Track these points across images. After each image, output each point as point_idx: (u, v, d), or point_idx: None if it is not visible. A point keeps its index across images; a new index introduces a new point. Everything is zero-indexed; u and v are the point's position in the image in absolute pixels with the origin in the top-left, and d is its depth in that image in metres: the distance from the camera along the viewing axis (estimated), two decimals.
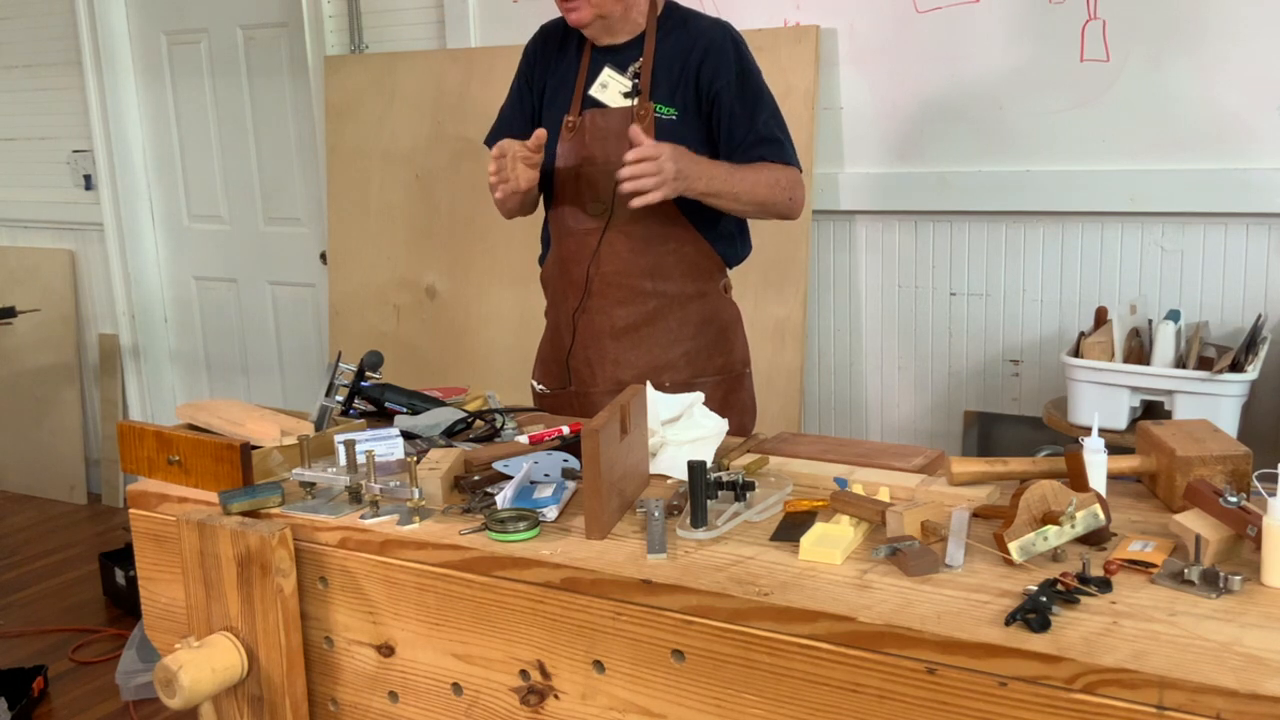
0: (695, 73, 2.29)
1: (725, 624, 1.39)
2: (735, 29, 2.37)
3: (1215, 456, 1.56)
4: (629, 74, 2.33)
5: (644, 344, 2.37)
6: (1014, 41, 2.96)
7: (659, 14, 2.35)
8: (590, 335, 2.39)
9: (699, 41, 2.31)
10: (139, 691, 3.17)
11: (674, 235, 2.33)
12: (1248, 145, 2.76)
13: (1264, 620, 1.25)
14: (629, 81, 2.32)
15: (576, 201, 2.36)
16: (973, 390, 3.19)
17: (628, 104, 2.31)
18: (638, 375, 2.33)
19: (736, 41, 2.33)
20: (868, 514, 1.53)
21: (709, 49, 2.30)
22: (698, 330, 2.39)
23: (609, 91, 2.33)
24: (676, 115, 2.29)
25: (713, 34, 2.32)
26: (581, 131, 2.33)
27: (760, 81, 2.34)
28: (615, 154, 2.23)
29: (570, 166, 2.35)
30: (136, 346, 4.83)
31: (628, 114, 2.30)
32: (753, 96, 2.31)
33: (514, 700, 1.57)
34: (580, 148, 2.33)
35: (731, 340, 2.48)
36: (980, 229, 3.10)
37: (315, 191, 4.25)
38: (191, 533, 1.70)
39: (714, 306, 2.43)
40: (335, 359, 2.09)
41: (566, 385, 2.45)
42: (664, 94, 2.31)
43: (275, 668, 1.68)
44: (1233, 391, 2.47)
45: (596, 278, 2.35)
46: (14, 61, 4.82)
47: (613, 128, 2.31)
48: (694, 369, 2.39)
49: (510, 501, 1.66)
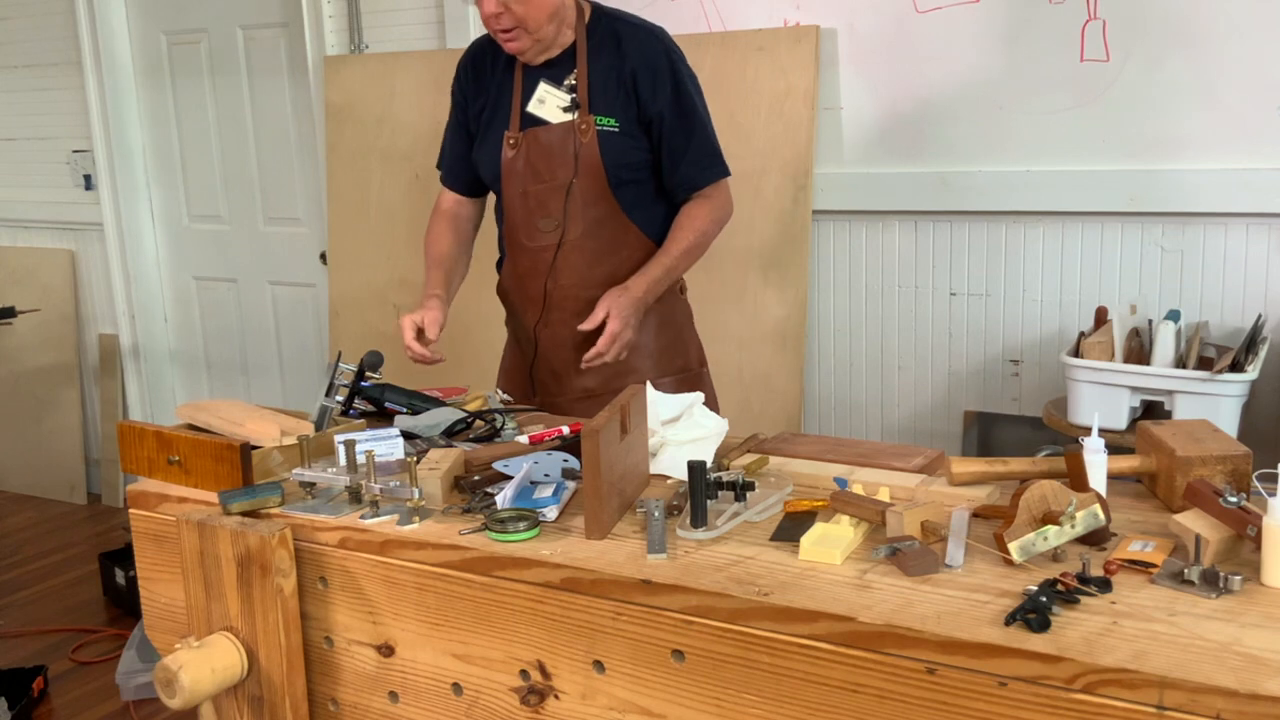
0: (632, 86, 2.29)
1: (725, 624, 1.39)
2: (667, 35, 2.37)
3: (1215, 456, 1.56)
4: (565, 87, 2.32)
5: None
6: (1014, 41, 2.96)
7: (587, 22, 2.34)
8: (553, 347, 2.41)
9: (633, 54, 2.30)
10: (139, 691, 3.17)
11: (628, 243, 2.35)
12: (1248, 145, 2.76)
13: (1264, 620, 1.25)
14: (567, 95, 2.31)
15: (528, 219, 2.36)
16: (973, 390, 3.19)
17: (568, 118, 2.31)
18: (603, 381, 2.35)
19: (670, 53, 2.33)
20: (868, 514, 1.53)
21: (644, 64, 2.30)
22: (658, 332, 2.42)
23: (547, 107, 2.33)
24: (618, 126, 2.30)
25: (646, 47, 2.31)
26: (524, 149, 2.33)
27: (692, 93, 2.35)
28: (560, 170, 2.30)
29: (517, 185, 2.35)
30: (136, 346, 4.83)
31: (569, 128, 2.30)
32: (688, 116, 2.33)
33: (514, 700, 1.57)
34: (525, 167, 2.33)
35: (687, 340, 2.52)
36: (980, 229, 3.10)
37: (315, 191, 4.25)
38: (191, 533, 1.70)
39: (670, 307, 2.46)
40: (335, 359, 2.09)
41: (531, 396, 2.47)
42: (602, 105, 2.30)
43: (275, 668, 1.68)
44: (1233, 391, 2.47)
45: (555, 291, 2.37)
46: (14, 61, 4.82)
47: (555, 144, 2.31)
48: (657, 370, 2.42)
49: (510, 501, 1.66)
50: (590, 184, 2.31)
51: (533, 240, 2.36)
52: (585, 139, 2.29)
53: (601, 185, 2.31)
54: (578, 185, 2.31)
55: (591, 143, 2.29)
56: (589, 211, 2.31)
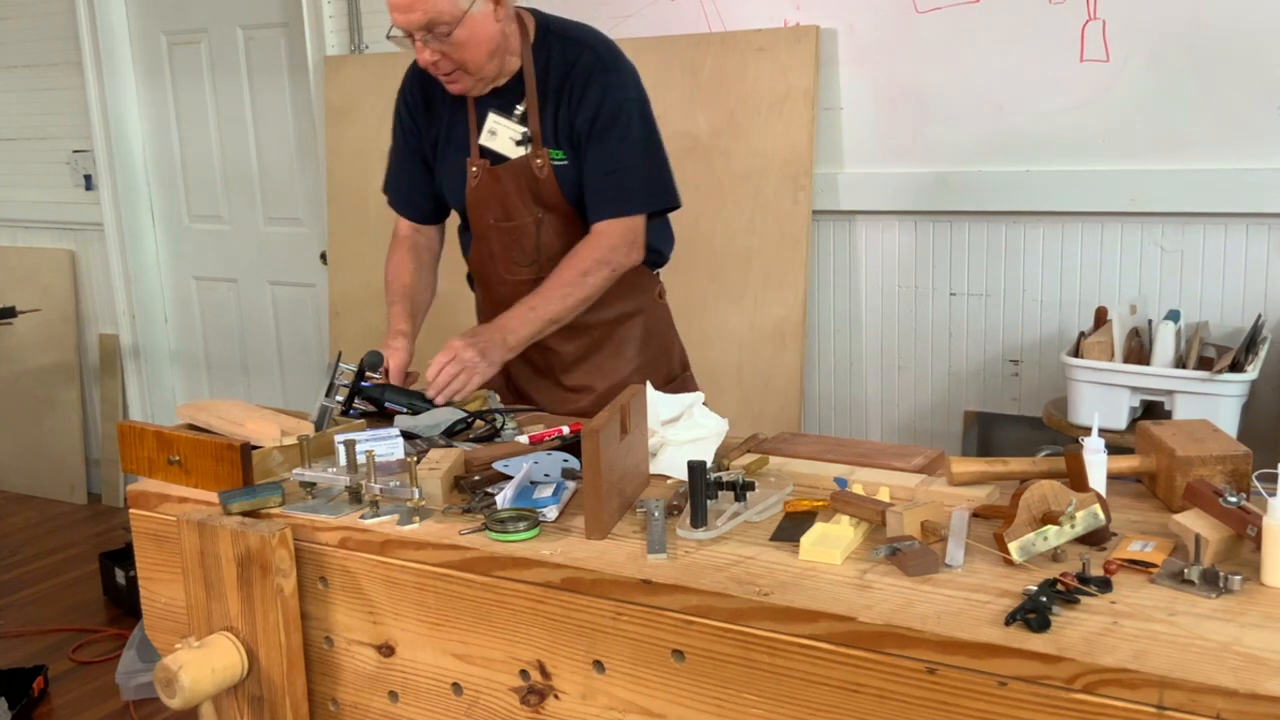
0: (569, 110, 2.20)
1: (725, 624, 1.39)
2: (604, 48, 2.23)
3: (1215, 456, 1.56)
4: (515, 117, 2.23)
5: (596, 369, 2.37)
6: (1014, 41, 2.96)
7: (533, 42, 2.23)
8: (543, 370, 2.39)
9: (568, 76, 2.19)
10: (139, 691, 3.17)
11: None
12: (1248, 145, 2.76)
13: (1264, 620, 1.25)
14: (518, 128, 2.23)
15: (504, 254, 2.32)
16: (973, 390, 3.19)
17: (522, 151, 2.23)
18: (597, 399, 2.32)
19: (603, 68, 2.20)
20: (868, 514, 1.53)
21: (574, 83, 2.19)
22: (643, 345, 2.40)
23: (499, 139, 2.24)
24: (566, 160, 2.23)
25: (579, 65, 2.19)
26: (483, 189, 2.27)
27: (615, 115, 2.19)
28: (525, 209, 2.25)
29: (486, 217, 2.30)
30: (136, 346, 4.83)
31: (526, 165, 2.23)
32: (602, 138, 2.18)
33: (514, 700, 1.57)
34: (490, 206, 2.28)
35: (671, 348, 2.49)
36: (980, 229, 3.10)
37: (315, 191, 4.25)
38: (191, 533, 1.70)
39: (653, 318, 2.43)
40: (335, 359, 2.09)
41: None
42: (552, 136, 2.22)
43: (275, 668, 1.68)
44: (1233, 391, 2.47)
45: None
46: (14, 61, 4.82)
47: (515, 183, 2.24)
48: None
49: (510, 501, 1.66)
50: (558, 218, 2.27)
51: (511, 274, 2.32)
52: (543, 175, 2.22)
53: (569, 216, 2.26)
54: (546, 220, 2.27)
55: (549, 179, 2.23)
56: (561, 242, 2.26)
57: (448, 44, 2.10)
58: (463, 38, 2.10)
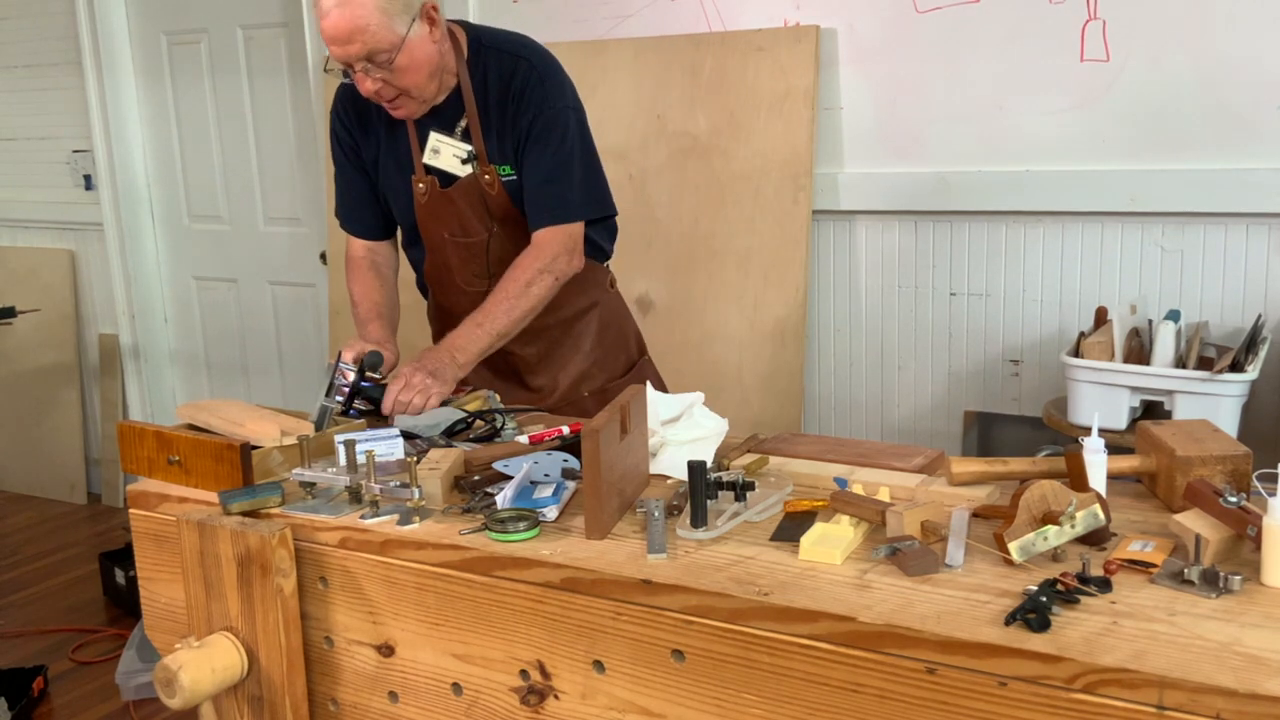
0: (511, 124, 2.20)
1: (725, 624, 1.39)
2: (539, 57, 2.23)
3: (1215, 456, 1.56)
4: (458, 134, 2.23)
5: (555, 366, 2.39)
6: (1014, 41, 2.96)
7: (467, 56, 2.23)
8: (505, 374, 2.40)
9: (507, 89, 2.20)
10: (139, 691, 3.17)
11: None
12: (1248, 145, 2.76)
13: (1264, 620, 1.25)
14: (462, 146, 2.22)
15: (461, 266, 2.32)
16: (973, 390, 3.19)
17: (468, 170, 2.23)
18: (561, 395, 2.36)
19: (540, 79, 2.20)
20: (868, 514, 1.53)
21: (511, 95, 2.19)
22: (599, 337, 2.42)
23: (442, 157, 2.24)
24: (515, 175, 2.23)
25: (516, 77, 2.19)
26: (434, 206, 2.27)
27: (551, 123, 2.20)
28: (476, 226, 2.25)
29: (438, 233, 2.30)
30: (136, 346, 4.83)
31: (474, 183, 2.23)
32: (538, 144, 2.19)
33: (514, 700, 1.57)
34: (444, 222, 2.28)
35: (627, 335, 2.51)
36: (980, 229, 3.10)
37: (315, 191, 4.25)
38: (191, 533, 1.70)
39: (608, 309, 2.45)
40: (335, 359, 2.09)
41: None
42: (497, 152, 2.23)
43: (275, 668, 1.68)
44: (1233, 391, 2.47)
45: None
46: (14, 61, 4.82)
47: (465, 202, 2.24)
48: (607, 373, 2.42)
49: (510, 501, 1.66)
50: (511, 230, 2.27)
51: (469, 285, 2.33)
52: (493, 191, 2.22)
53: (522, 229, 2.26)
54: (499, 234, 2.28)
55: (500, 194, 2.23)
56: (518, 250, 2.25)
57: (389, 72, 2.10)
58: (404, 63, 2.10)
